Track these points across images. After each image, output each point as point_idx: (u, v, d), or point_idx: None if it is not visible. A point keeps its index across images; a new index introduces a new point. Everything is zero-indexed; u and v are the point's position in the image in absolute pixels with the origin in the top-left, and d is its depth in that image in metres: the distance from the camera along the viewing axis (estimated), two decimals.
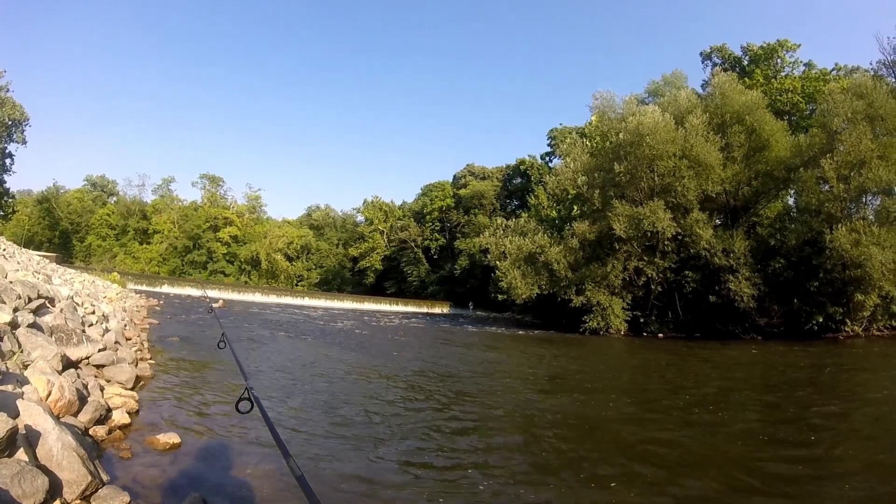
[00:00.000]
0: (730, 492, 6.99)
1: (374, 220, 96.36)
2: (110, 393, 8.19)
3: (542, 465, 8.03)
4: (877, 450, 9.04)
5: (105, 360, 9.53)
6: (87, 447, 5.48)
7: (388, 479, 6.84)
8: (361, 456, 7.70)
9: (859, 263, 28.91)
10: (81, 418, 6.59)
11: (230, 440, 7.71)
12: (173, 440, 7.03)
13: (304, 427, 8.99)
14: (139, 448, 6.72)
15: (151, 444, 6.89)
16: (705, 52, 60.14)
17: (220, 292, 60.91)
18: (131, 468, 6.03)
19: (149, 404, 8.93)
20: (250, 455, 7.13)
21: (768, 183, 37.47)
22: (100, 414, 7.00)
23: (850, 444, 9.44)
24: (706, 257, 34.07)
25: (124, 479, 5.59)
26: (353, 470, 7.11)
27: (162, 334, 19.03)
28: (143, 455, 6.52)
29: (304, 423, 9.28)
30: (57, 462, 4.66)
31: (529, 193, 65.39)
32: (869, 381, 18.09)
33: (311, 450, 7.76)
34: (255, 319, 32.62)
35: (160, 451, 6.76)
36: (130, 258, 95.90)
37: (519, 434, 9.89)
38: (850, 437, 10.11)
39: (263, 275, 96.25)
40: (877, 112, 32.24)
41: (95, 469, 5.01)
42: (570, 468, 7.83)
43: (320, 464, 7.23)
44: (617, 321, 35.04)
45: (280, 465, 6.56)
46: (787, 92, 48.76)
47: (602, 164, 39.36)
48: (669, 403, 13.10)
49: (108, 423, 7.15)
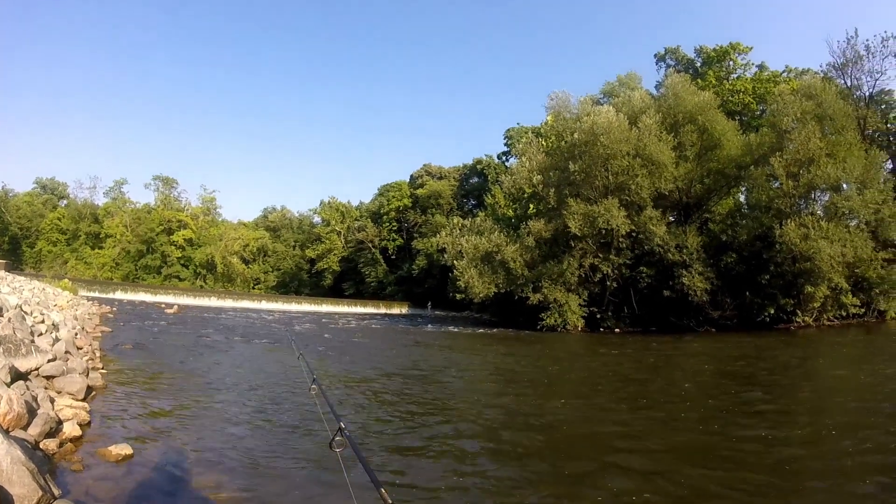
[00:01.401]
0: (680, 478, 7.14)
1: (331, 221, 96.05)
2: (61, 405, 8.02)
3: (497, 460, 8.07)
4: (822, 427, 9.72)
5: (55, 370, 9.34)
6: (38, 461, 5.41)
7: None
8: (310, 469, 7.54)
9: (809, 257, 29.76)
10: (31, 431, 6.49)
11: (183, 451, 7.54)
12: (125, 451, 6.91)
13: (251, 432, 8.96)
14: (91, 460, 6.62)
15: (103, 455, 6.78)
16: (659, 55, 61.24)
17: (174, 297, 59.64)
18: (83, 481, 5.95)
19: (101, 415, 8.78)
20: (204, 465, 7.04)
21: (720, 181, 38.45)
22: (50, 427, 6.88)
23: (798, 426, 10.07)
24: (660, 253, 34.54)
25: (76, 493, 5.55)
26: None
27: (115, 342, 18.68)
28: (95, 467, 6.43)
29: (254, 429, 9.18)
30: (7, 477, 4.56)
31: (486, 193, 65.58)
32: (819, 368, 18.79)
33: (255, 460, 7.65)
34: (211, 325, 31.96)
35: (112, 462, 6.64)
36: (82, 264, 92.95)
37: (474, 430, 9.80)
38: (799, 419, 10.70)
39: (219, 278, 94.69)
40: (826, 112, 33.55)
41: (46, 483, 4.95)
42: (522, 462, 7.94)
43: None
44: (574, 317, 35.19)
45: (232, 476, 6.70)
46: (738, 93, 49.94)
47: (557, 163, 39.55)
48: (623, 396, 13.31)
49: (59, 435, 7.03)
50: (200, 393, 11.72)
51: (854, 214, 32.35)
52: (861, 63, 43.95)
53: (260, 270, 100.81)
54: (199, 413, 9.87)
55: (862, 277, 32.45)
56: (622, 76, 48.99)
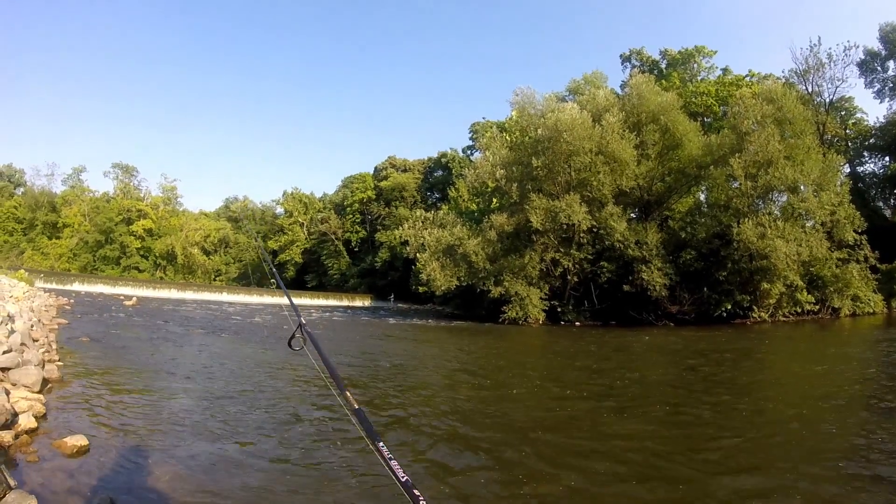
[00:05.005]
0: (621, 463, 7.36)
1: (293, 213, 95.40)
2: (16, 397, 7.95)
3: (444, 449, 8.04)
4: (771, 414, 10.38)
5: (10, 362, 9.17)
6: None
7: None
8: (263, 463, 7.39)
9: (765, 255, 30.47)
10: None
11: (139, 442, 7.48)
12: (81, 443, 6.86)
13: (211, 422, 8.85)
14: (47, 452, 6.60)
15: (59, 447, 6.74)
16: (625, 55, 62.20)
17: (133, 289, 58.23)
18: (39, 472, 5.96)
19: (57, 407, 8.73)
20: (160, 456, 7.00)
21: (680, 179, 39.12)
22: (5, 419, 6.87)
23: (743, 414, 10.47)
24: (621, 249, 34.89)
25: (32, 484, 5.55)
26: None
27: (72, 335, 18.14)
28: (51, 459, 6.42)
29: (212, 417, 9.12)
30: None
31: (450, 186, 65.84)
32: (769, 361, 19.24)
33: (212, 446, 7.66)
34: (171, 316, 31.25)
35: (68, 454, 6.62)
36: (39, 254, 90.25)
37: (433, 422, 9.65)
38: (743, 408, 10.93)
39: (180, 270, 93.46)
40: (785, 116, 34.54)
41: (2, 474, 4.99)
42: (479, 451, 7.90)
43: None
44: (535, 311, 35.29)
45: (188, 466, 6.67)
46: (701, 95, 50.67)
47: (521, 158, 39.86)
48: (583, 388, 13.37)
49: (15, 427, 7.02)
50: (158, 385, 11.57)
51: (810, 215, 33.20)
52: (823, 70, 45.53)
53: (221, 262, 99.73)
54: (156, 405, 9.73)
55: (817, 276, 33.40)
56: (588, 74, 49.41)
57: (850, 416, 9.91)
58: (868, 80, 49.63)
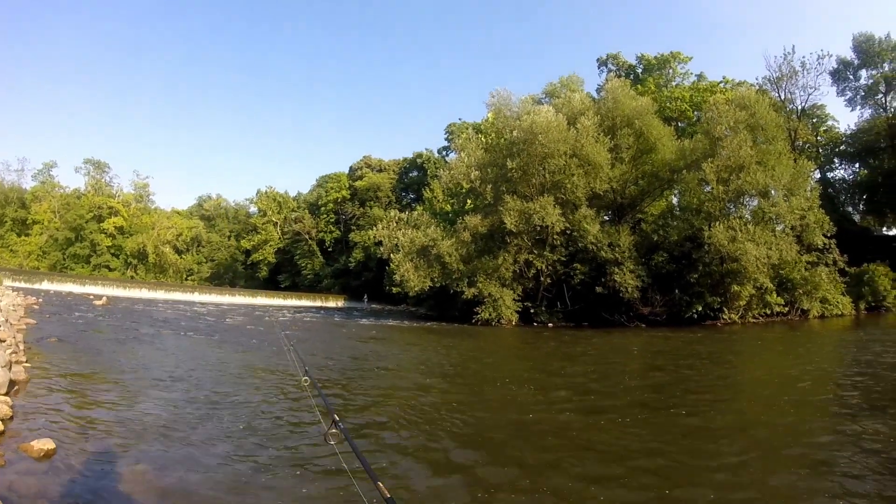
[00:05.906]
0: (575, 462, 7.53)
1: (267, 212, 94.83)
2: None
3: (425, 461, 7.88)
4: (742, 409, 10.68)
5: None
6: None
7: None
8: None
9: (736, 258, 31.00)
10: None
11: (107, 445, 7.40)
12: (48, 446, 6.83)
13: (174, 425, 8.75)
14: (13, 455, 6.56)
15: (26, 450, 6.72)
16: (601, 59, 62.58)
17: (103, 289, 56.94)
18: (5, 476, 5.93)
19: (23, 410, 8.62)
20: (127, 458, 6.95)
21: (654, 183, 39.58)
22: None
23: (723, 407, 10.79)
24: (594, 251, 35.06)
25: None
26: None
27: (40, 335, 17.88)
28: (18, 462, 6.40)
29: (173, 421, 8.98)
30: None
31: (425, 187, 65.88)
32: (737, 361, 19.50)
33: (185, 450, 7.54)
34: (141, 317, 30.76)
35: (35, 458, 6.59)
36: (7, 251, 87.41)
37: (406, 430, 9.46)
38: (722, 405, 11.36)
39: (151, 269, 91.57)
40: (758, 122, 35.19)
41: None
42: (450, 458, 7.85)
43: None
44: (508, 312, 35.33)
45: (156, 468, 6.71)
46: (676, 100, 51.20)
47: (496, 159, 39.99)
48: (552, 391, 13.35)
49: None
50: (126, 387, 11.40)
51: (780, 219, 33.88)
52: (796, 78, 46.45)
53: (193, 261, 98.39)
54: (124, 407, 9.61)
55: (786, 278, 34.05)
56: (564, 78, 49.60)
57: (816, 415, 10.13)
58: (840, 89, 50.78)
